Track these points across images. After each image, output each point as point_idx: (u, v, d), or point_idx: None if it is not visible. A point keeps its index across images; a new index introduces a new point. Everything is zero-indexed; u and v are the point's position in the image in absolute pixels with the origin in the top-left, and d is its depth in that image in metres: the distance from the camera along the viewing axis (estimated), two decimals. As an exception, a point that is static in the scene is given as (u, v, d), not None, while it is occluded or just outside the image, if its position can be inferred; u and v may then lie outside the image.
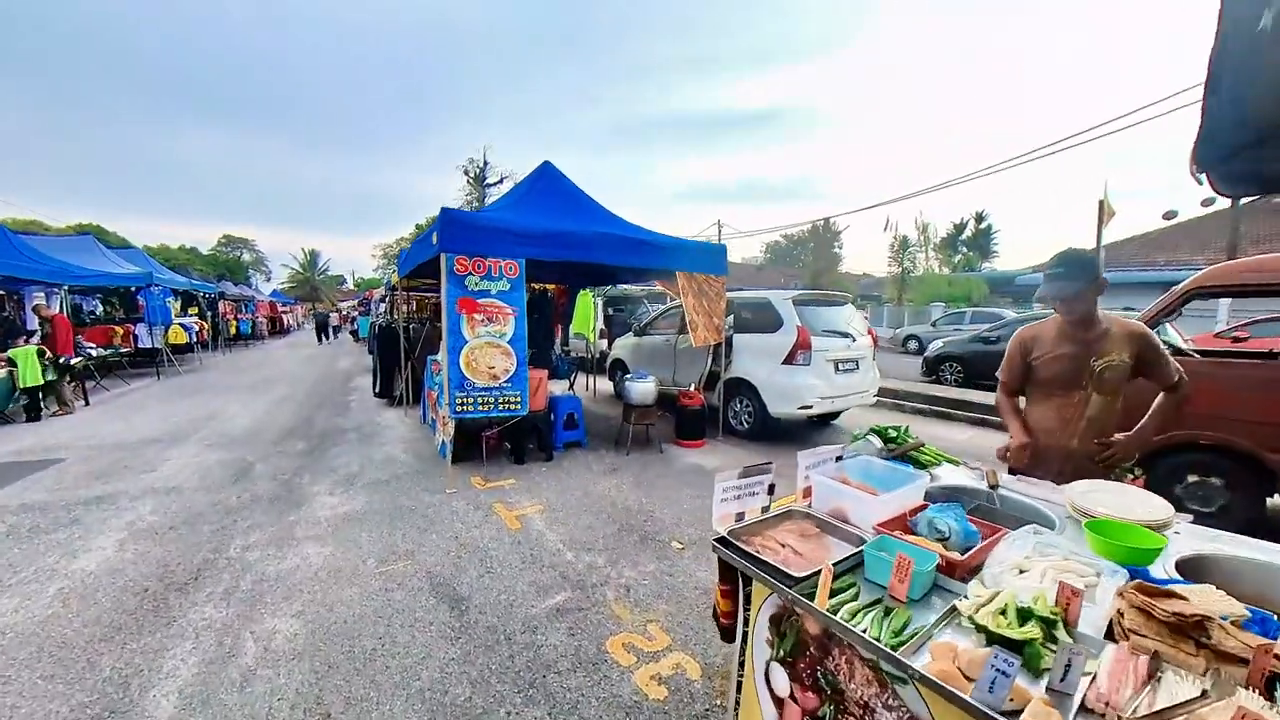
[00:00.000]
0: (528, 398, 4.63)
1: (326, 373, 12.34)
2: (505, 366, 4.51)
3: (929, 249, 22.84)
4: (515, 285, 4.55)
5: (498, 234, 4.45)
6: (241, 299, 21.43)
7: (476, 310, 4.40)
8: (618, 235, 5.22)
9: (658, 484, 4.77)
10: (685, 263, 5.69)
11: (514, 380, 4.56)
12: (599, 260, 5.04)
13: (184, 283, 13.22)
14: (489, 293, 4.44)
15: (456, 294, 4.32)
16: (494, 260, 4.44)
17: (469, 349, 4.39)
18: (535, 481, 4.76)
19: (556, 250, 4.76)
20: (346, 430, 6.62)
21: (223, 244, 47.59)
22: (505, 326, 4.50)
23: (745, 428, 6.31)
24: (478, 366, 4.42)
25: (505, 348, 4.51)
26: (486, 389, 4.47)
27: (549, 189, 5.67)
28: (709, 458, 5.59)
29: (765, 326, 6.21)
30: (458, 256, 4.30)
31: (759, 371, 6.08)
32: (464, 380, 4.39)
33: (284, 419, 7.28)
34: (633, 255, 5.27)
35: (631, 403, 5.63)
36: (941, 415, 7.71)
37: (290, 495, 4.43)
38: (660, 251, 5.49)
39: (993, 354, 8.98)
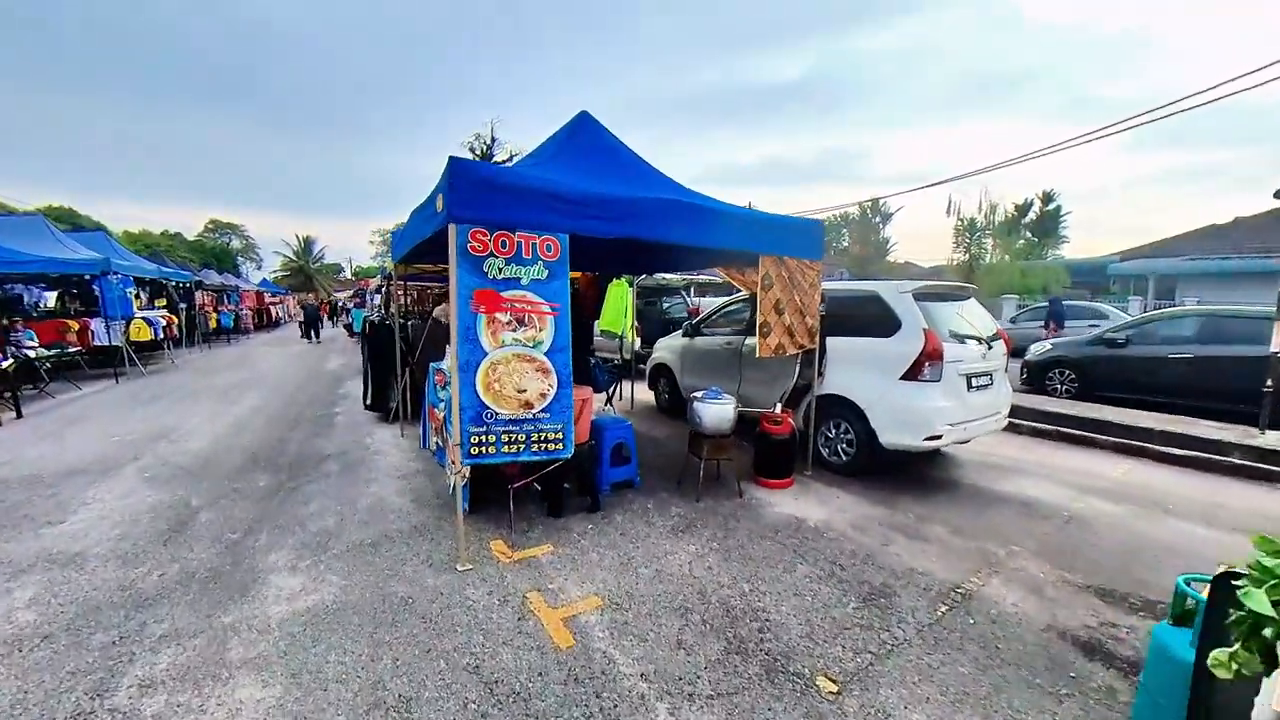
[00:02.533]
0: (572, 432, 3.40)
1: (311, 375, 11.23)
2: (541, 389, 3.29)
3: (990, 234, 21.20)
4: (556, 272, 3.32)
5: (533, 197, 3.22)
6: (223, 289, 20.42)
7: (500, 308, 3.18)
8: (693, 206, 3.97)
9: (753, 552, 3.55)
10: (774, 243, 4.44)
11: (554, 409, 3.33)
12: (664, 237, 3.80)
13: (151, 270, 12.14)
14: (518, 282, 3.21)
15: (471, 284, 3.10)
16: (526, 235, 3.22)
17: (490, 364, 3.17)
18: (581, 548, 3.55)
19: (613, 223, 3.53)
20: (326, 457, 5.45)
21: (210, 229, 46.77)
22: (542, 332, 3.28)
23: (843, 460, 5.05)
24: (503, 389, 3.20)
25: (542, 362, 3.28)
26: (515, 421, 3.26)
27: (589, 146, 4.41)
28: (807, 505, 4.35)
29: (872, 329, 4.94)
30: (474, 229, 3.08)
31: (865, 388, 4.82)
32: (482, 409, 3.18)
33: (251, 438, 6.13)
34: (708, 232, 4.03)
35: (703, 431, 4.40)
36: (1073, 439, 6.40)
37: (235, 571, 3.25)
38: (744, 227, 4.24)
39: (1123, 360, 7.65)
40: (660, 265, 6.72)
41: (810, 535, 3.84)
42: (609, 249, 5.88)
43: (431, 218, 3.43)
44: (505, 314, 3.19)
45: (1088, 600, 3.14)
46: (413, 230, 4.28)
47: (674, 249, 5.24)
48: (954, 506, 4.41)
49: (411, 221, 4.41)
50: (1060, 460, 5.67)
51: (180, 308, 14.06)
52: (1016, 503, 4.53)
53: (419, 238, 3.94)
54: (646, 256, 6.15)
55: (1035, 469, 5.38)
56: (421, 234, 3.82)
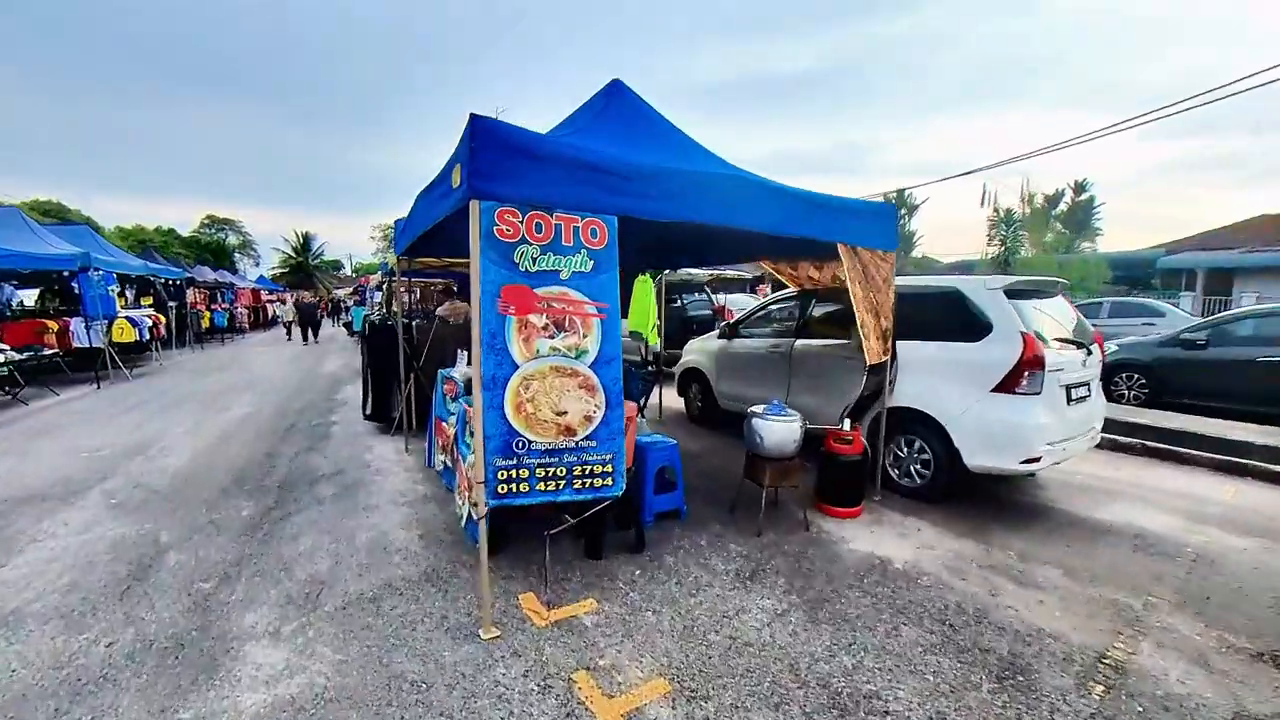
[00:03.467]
0: (624, 464, 2.76)
1: (307, 378, 10.61)
2: (586, 411, 2.65)
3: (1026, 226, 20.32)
4: (602, 264, 2.68)
5: (575, 169, 2.58)
6: (218, 286, 19.82)
7: (534, 308, 2.54)
8: (759, 184, 3.34)
9: (843, 608, 2.92)
10: (846, 229, 3.79)
11: (602, 434, 2.69)
12: (723, 220, 3.15)
13: (137, 266, 11.53)
14: (556, 276, 2.57)
15: (499, 278, 2.46)
16: (566, 217, 2.58)
17: (522, 380, 2.53)
18: (630, 603, 2.92)
19: (668, 202, 2.89)
20: (320, 478, 4.83)
21: (205, 225, 46.16)
22: (586, 338, 2.64)
23: (916, 483, 4.41)
24: (538, 412, 2.56)
25: (586, 376, 2.64)
26: (553, 452, 2.62)
27: (628, 116, 3.75)
28: (886, 540, 3.71)
29: (953, 331, 4.30)
30: (502, 208, 2.44)
31: (946, 401, 4.18)
32: (512, 437, 2.54)
33: (237, 453, 5.51)
34: (773, 214, 3.38)
35: (765, 454, 3.76)
36: (1160, 454, 5.73)
37: (203, 638, 2.63)
38: (814, 211, 3.59)
39: (1201, 363, 6.97)
40: (694, 258, 6.07)
41: (902, 582, 3.20)
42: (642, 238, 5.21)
43: (446, 196, 2.79)
44: (541, 316, 2.55)
45: (1268, 674, 2.51)
46: (420, 215, 3.65)
47: (717, 238, 4.59)
48: (1055, 541, 3.77)
49: (418, 206, 3.77)
50: (1155, 480, 5.01)
51: (170, 306, 13.45)
52: (1126, 535, 3.89)
53: (428, 222, 3.30)
54: (683, 247, 5.50)
55: (1130, 491, 4.73)
56: (431, 217, 3.18)
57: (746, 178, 3.27)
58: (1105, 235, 31.38)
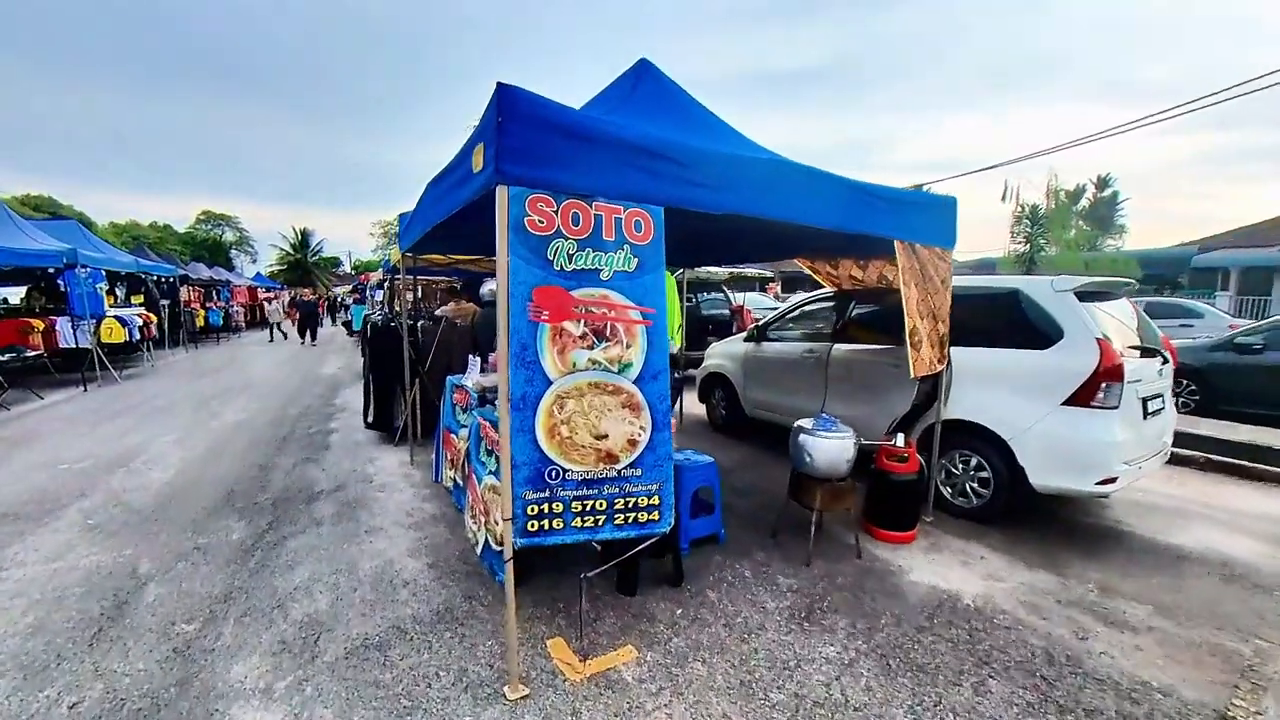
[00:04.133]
0: (672, 495, 2.41)
1: (305, 381, 10.26)
2: (629, 434, 2.29)
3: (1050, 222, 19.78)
4: (648, 262, 2.33)
5: (619, 151, 2.23)
6: (212, 284, 19.45)
7: (571, 313, 2.18)
8: (811, 171, 2.97)
9: (918, 656, 2.57)
10: (902, 224, 3.43)
11: (647, 461, 2.34)
12: (772, 213, 2.79)
13: (127, 263, 11.17)
14: (595, 276, 2.22)
15: (530, 278, 2.11)
16: (607, 207, 2.22)
17: (556, 398, 2.17)
18: (675, 651, 2.57)
19: (718, 192, 2.54)
20: (318, 494, 4.48)
21: (202, 221, 45.77)
22: (630, 349, 2.28)
23: (972, 503, 4.05)
24: (574, 435, 2.21)
25: (630, 394, 2.28)
26: (592, 482, 2.26)
27: (660, 99, 3.38)
28: (948, 569, 3.36)
29: (1015, 337, 3.95)
30: (534, 195, 2.08)
31: (1009, 414, 3.82)
32: (544, 465, 2.18)
33: (228, 466, 5.16)
34: (824, 206, 3.02)
35: (815, 474, 3.40)
36: (1228, 469, 5.35)
37: (181, 698, 2.27)
38: (869, 203, 3.23)
39: (1258, 369, 6.60)
40: (722, 254, 5.68)
41: (978, 622, 2.85)
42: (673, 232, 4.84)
43: (464, 182, 2.43)
44: (578, 323, 2.19)
45: None
46: (430, 206, 3.29)
47: (751, 233, 4.22)
48: (1136, 570, 3.42)
49: (427, 196, 3.41)
50: (1228, 498, 4.65)
51: (162, 305, 13.09)
52: (1211, 564, 3.54)
53: (441, 214, 2.93)
54: (712, 242, 5.11)
55: (1202, 511, 4.37)
56: (445, 208, 2.82)
57: (806, 167, 2.90)
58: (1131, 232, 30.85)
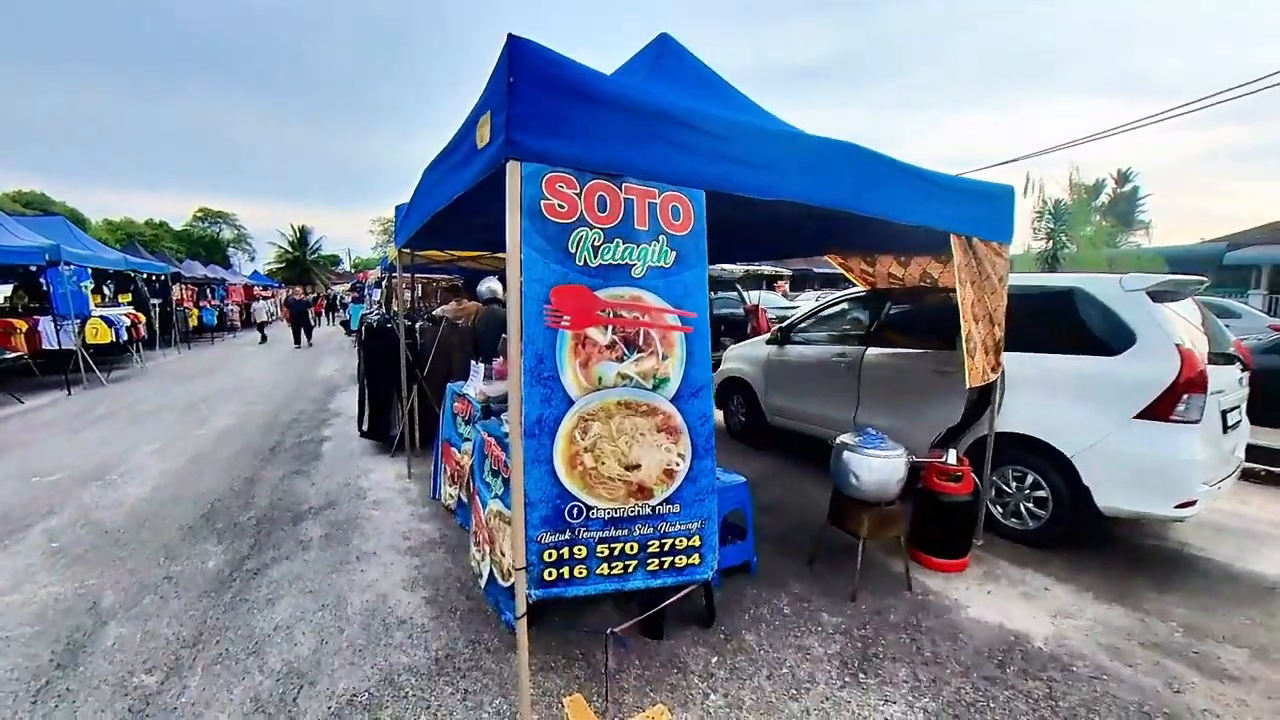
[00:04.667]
0: (716, 535, 2.04)
1: (299, 384, 9.91)
2: (665, 462, 1.93)
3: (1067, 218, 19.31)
4: (687, 256, 1.96)
5: (653, 122, 1.87)
6: (207, 282, 19.10)
7: (596, 318, 1.81)
8: (864, 152, 2.59)
9: (995, 718, 2.20)
10: (961, 216, 3.06)
11: (686, 495, 1.97)
12: (823, 200, 2.42)
13: (115, 260, 10.80)
14: (627, 273, 1.85)
15: (548, 275, 1.74)
16: (639, 189, 1.85)
17: (579, 420, 1.81)
18: (714, 713, 2.21)
19: (764, 173, 2.17)
20: (307, 513, 4.12)
21: (199, 218, 45.40)
22: (667, 361, 1.91)
23: (1029, 525, 3.69)
24: (600, 466, 1.84)
25: (666, 414, 1.91)
26: (620, 521, 1.90)
27: (682, 75, 3.00)
28: (1010, 604, 3.00)
29: (1079, 341, 3.58)
30: (553, 173, 1.72)
31: (1073, 427, 3.45)
32: (565, 502, 1.82)
33: (211, 479, 4.80)
34: (879, 193, 2.66)
35: (861, 497, 3.04)
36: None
37: (131, 778, 1.92)
38: (924, 189, 2.86)
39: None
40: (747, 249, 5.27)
41: (1055, 671, 2.49)
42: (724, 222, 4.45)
43: (467, 161, 2.06)
44: (605, 330, 1.83)
45: None
46: (428, 192, 2.92)
47: (782, 225, 3.85)
48: (1218, 604, 3.06)
49: (424, 183, 3.05)
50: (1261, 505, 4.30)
51: (153, 304, 12.74)
52: (1302, 595, 3.17)
53: (440, 201, 2.57)
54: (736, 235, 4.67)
55: (1274, 531, 4.01)
56: (446, 192, 2.45)
57: (860, 148, 2.53)
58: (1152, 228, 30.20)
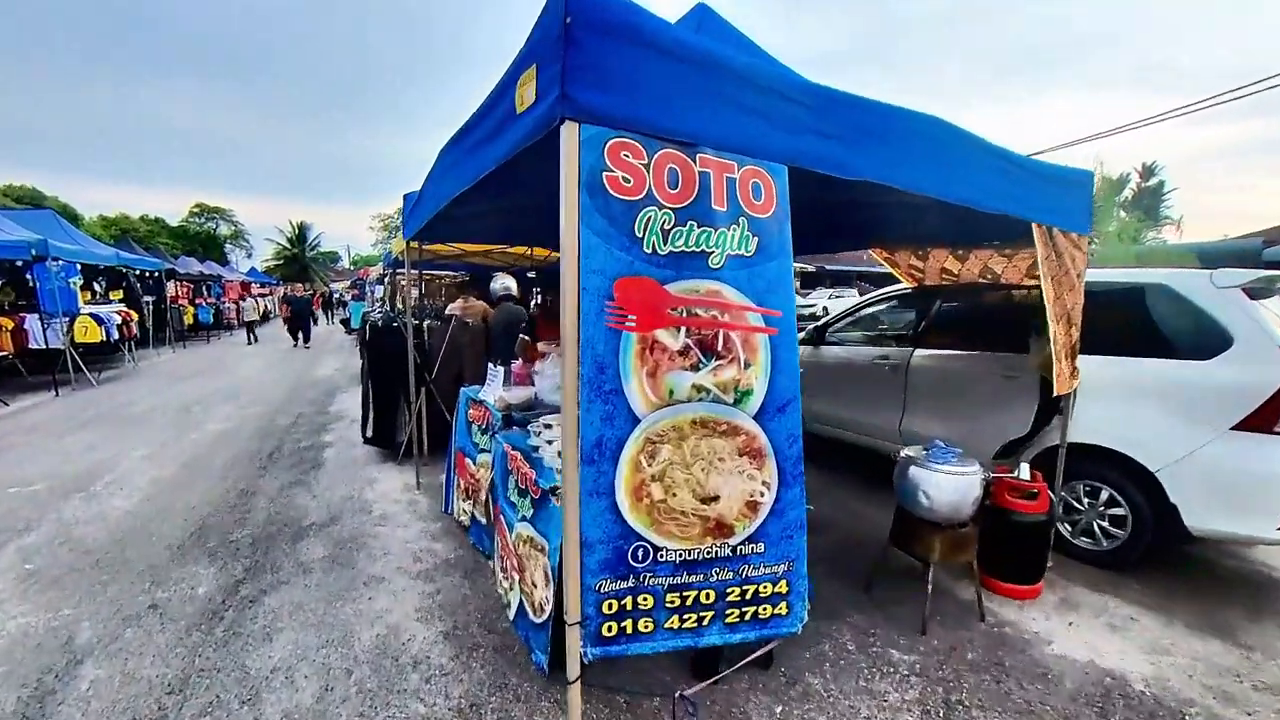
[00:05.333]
0: (805, 579, 1.72)
1: (298, 385, 9.59)
2: (749, 492, 1.61)
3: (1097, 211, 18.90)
4: (771, 242, 1.65)
5: (732, 83, 1.55)
6: (202, 279, 18.75)
7: (665, 318, 1.49)
8: (948, 127, 2.26)
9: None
10: (1043, 203, 2.74)
11: (773, 530, 1.65)
12: (915, 185, 2.10)
13: (106, 256, 10.47)
14: (703, 263, 1.53)
15: (612, 265, 1.42)
16: (716, 161, 1.54)
17: (647, 442, 1.49)
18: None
19: (851, 149, 1.86)
20: (308, 529, 3.80)
21: (195, 214, 44.96)
22: (750, 369, 1.59)
23: (1103, 545, 3.38)
24: (671, 497, 1.52)
25: (749, 434, 1.60)
26: (695, 565, 1.58)
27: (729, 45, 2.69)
28: (1096, 637, 2.69)
29: (1163, 343, 3.27)
30: (618, 139, 1.40)
31: (1158, 438, 3.14)
32: (630, 541, 1.50)
33: (203, 490, 4.49)
34: (962, 175, 2.34)
35: (931, 518, 2.72)
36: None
37: None
38: (1016, 176, 2.55)
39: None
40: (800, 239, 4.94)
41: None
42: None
43: (500, 129, 1.73)
44: (677, 332, 1.51)
45: None
46: (445, 175, 2.60)
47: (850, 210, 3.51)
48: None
49: (442, 164, 2.72)
50: None
51: (146, 301, 12.42)
52: None
53: (465, 181, 2.23)
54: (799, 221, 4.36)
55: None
56: (471, 171, 2.11)
57: (951, 124, 2.21)
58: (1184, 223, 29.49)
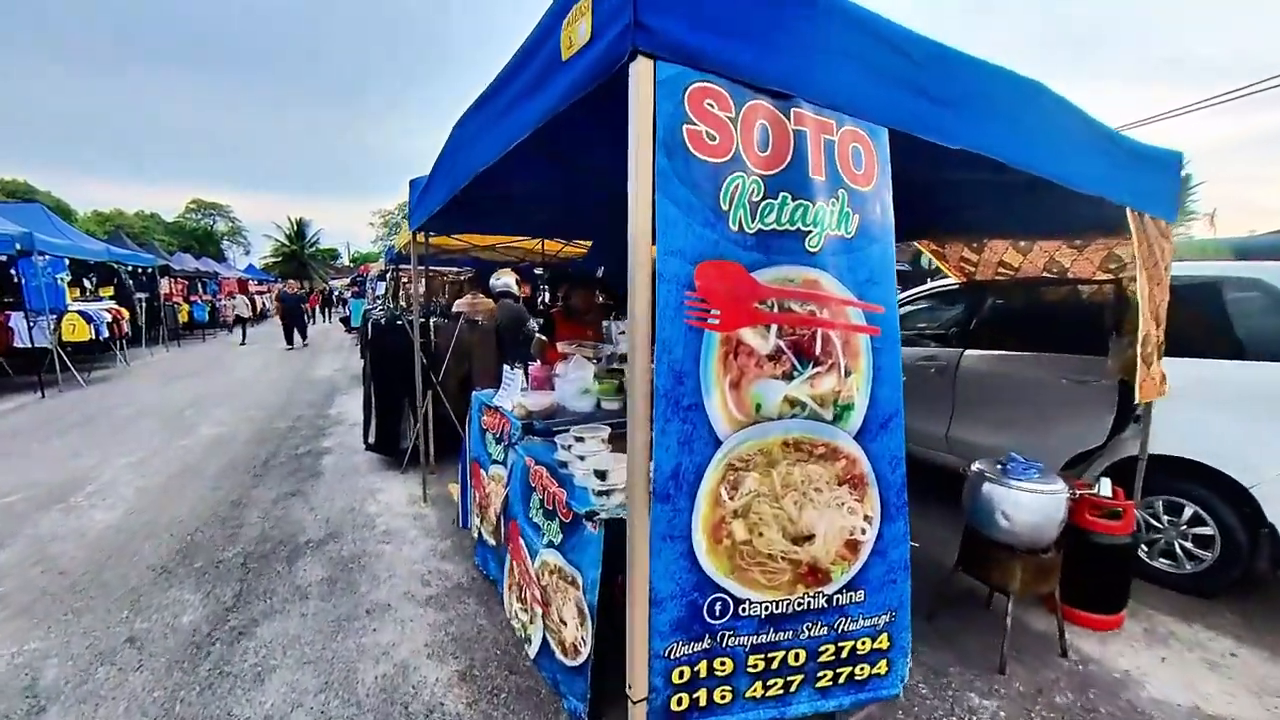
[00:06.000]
0: (907, 630, 1.42)
1: (297, 384, 9.30)
2: (849, 528, 1.31)
3: None
4: (873, 218, 1.34)
5: (833, 24, 1.24)
6: (198, 276, 18.45)
7: (754, 315, 1.19)
8: (1075, 111, 1.96)
9: None
10: (1136, 186, 2.43)
11: (875, 573, 1.36)
12: (1018, 160, 1.79)
13: (97, 251, 10.18)
14: (798, 245, 1.22)
15: (693, 244, 1.11)
16: (815, 118, 1.23)
17: (728, 469, 1.18)
18: None
19: (959, 114, 1.55)
20: (305, 547, 3.50)
21: (191, 210, 44.68)
22: (853, 379, 1.29)
23: (1185, 569, 3.08)
24: (758, 536, 1.22)
25: (852, 457, 1.29)
26: (784, 620, 1.28)
27: None
28: (1202, 680, 2.39)
29: (1250, 345, 2.96)
30: (701, 83, 1.10)
31: (1251, 449, 2.83)
32: (707, 594, 1.20)
33: (193, 501, 4.19)
34: (1074, 157, 2.05)
35: (1011, 542, 2.42)
36: None
37: None
38: (1115, 157, 2.26)
39: None
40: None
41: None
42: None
43: (544, 80, 1.42)
44: (765, 332, 1.20)
45: None
46: (462, 150, 2.30)
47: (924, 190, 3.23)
48: None
49: (459, 137, 2.41)
50: None
51: (139, 298, 12.13)
52: None
53: (491, 153, 1.92)
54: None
55: None
56: (505, 137, 1.78)
57: (1057, 94, 1.90)
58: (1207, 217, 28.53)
